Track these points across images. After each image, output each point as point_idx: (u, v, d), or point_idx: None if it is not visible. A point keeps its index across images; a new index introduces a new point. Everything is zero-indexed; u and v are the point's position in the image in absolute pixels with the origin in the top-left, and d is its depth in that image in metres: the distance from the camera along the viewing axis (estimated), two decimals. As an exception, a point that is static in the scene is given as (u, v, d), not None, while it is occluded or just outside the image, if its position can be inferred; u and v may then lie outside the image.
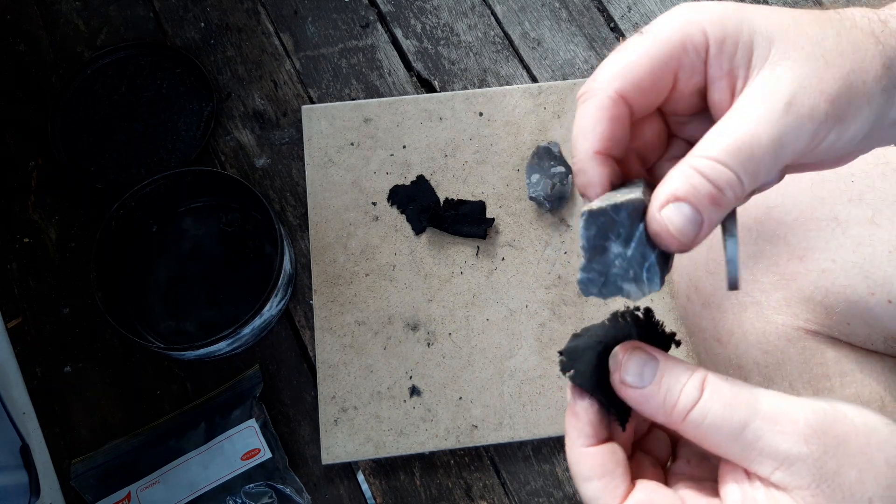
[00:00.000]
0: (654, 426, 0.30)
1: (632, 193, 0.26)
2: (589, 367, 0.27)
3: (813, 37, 0.25)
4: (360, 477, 0.67)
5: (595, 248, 0.26)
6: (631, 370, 0.26)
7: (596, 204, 0.26)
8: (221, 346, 0.66)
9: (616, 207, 0.25)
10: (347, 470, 0.68)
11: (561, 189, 0.72)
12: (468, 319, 0.70)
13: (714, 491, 0.25)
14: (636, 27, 0.83)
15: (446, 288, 0.71)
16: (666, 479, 0.28)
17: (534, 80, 0.81)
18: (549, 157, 0.74)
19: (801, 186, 0.49)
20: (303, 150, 0.76)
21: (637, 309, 0.28)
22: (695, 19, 0.26)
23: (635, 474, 0.26)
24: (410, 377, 0.68)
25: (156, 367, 0.71)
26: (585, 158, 0.27)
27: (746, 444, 0.23)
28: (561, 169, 0.73)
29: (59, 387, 0.70)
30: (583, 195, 0.28)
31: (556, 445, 0.68)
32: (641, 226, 0.25)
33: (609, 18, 0.84)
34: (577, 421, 0.27)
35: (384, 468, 0.67)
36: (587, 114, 0.27)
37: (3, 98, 0.80)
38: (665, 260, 0.26)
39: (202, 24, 0.83)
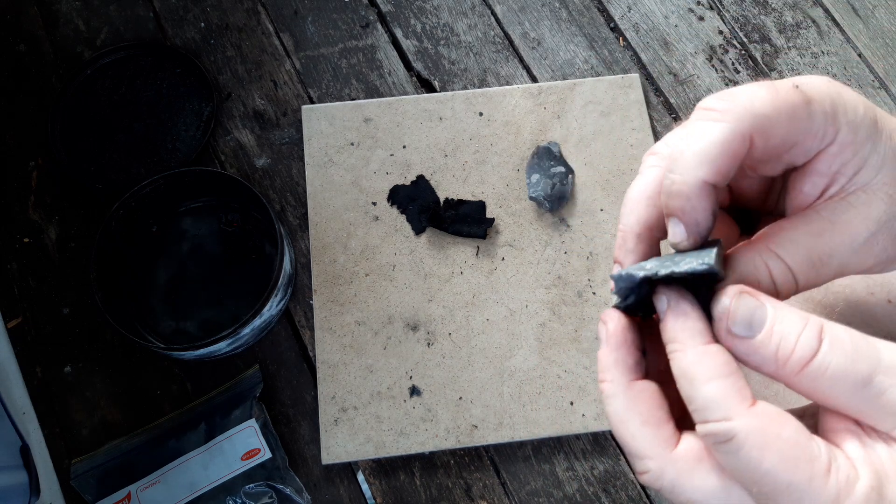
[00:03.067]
0: None
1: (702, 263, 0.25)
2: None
3: None
4: (360, 477, 0.67)
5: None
6: (740, 319, 0.23)
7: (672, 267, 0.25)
8: (221, 346, 0.66)
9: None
10: (347, 470, 0.68)
11: (561, 189, 0.72)
12: (468, 319, 0.70)
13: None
14: (636, 27, 0.83)
15: (446, 288, 0.71)
16: None
17: (534, 80, 0.81)
18: (549, 157, 0.74)
19: None
20: (303, 150, 0.76)
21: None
22: (839, 111, 0.25)
23: None
24: (410, 377, 0.68)
25: (156, 367, 0.71)
26: (695, 185, 0.24)
27: (869, 399, 0.22)
28: (561, 169, 0.73)
29: (59, 387, 0.70)
30: (671, 216, 0.25)
31: (555, 445, 0.68)
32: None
33: (609, 18, 0.84)
34: (686, 320, 0.24)
35: (384, 468, 0.67)
36: (713, 139, 0.24)
37: (3, 98, 0.80)
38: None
39: (202, 24, 0.83)
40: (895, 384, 0.22)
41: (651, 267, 0.25)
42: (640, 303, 0.26)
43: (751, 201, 0.31)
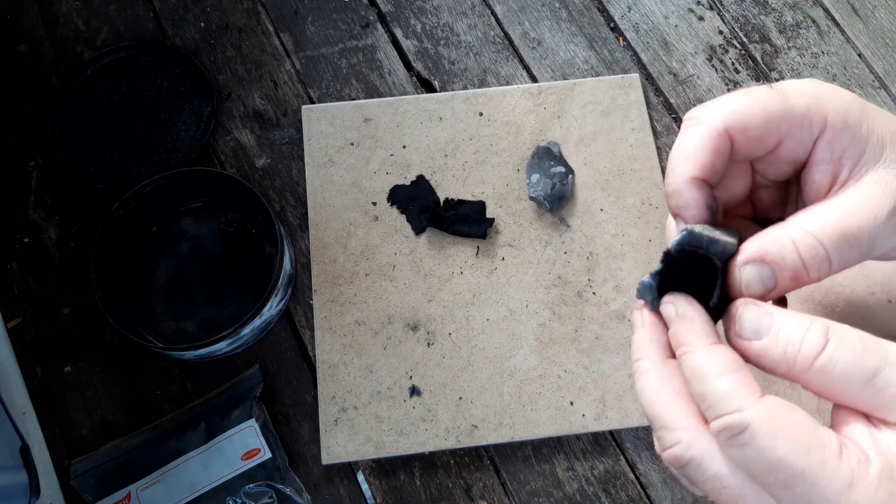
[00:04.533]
0: None
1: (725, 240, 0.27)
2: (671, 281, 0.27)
3: None
4: (360, 477, 0.67)
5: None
6: (747, 325, 0.25)
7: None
8: (221, 346, 0.66)
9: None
10: (347, 470, 0.68)
11: (561, 189, 0.72)
12: (468, 319, 0.70)
13: None
14: (636, 27, 0.83)
15: (446, 288, 0.71)
16: None
17: (534, 80, 0.81)
18: (549, 157, 0.74)
19: None
20: (303, 150, 0.76)
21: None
22: (823, 99, 0.27)
23: None
24: (410, 377, 0.68)
25: (156, 367, 0.71)
26: (682, 182, 0.27)
27: (877, 392, 0.23)
28: (561, 169, 0.73)
29: (59, 387, 0.70)
30: (675, 216, 0.28)
31: (555, 445, 0.68)
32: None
33: (609, 18, 0.84)
34: (692, 324, 0.26)
35: (384, 468, 0.67)
36: (692, 139, 0.27)
37: (3, 98, 0.80)
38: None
39: (202, 24, 0.83)
40: None
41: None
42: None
43: (772, 211, 0.32)
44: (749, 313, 0.25)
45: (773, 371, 0.25)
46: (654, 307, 0.28)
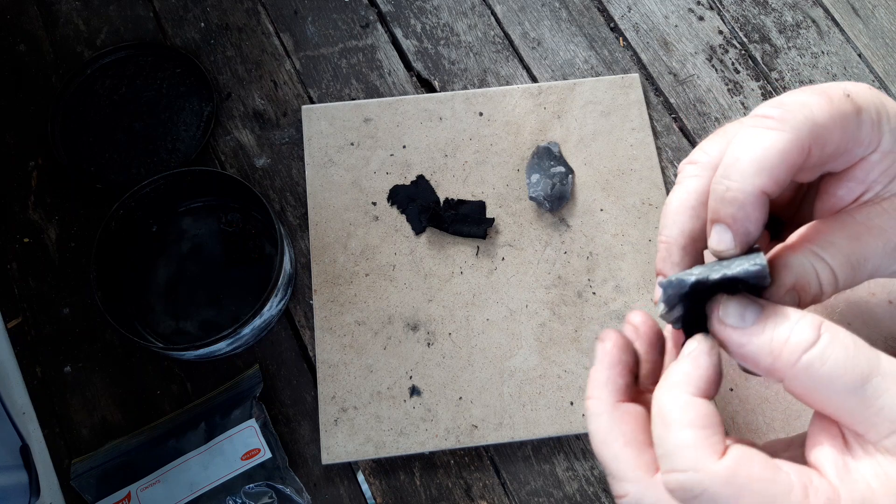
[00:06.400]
0: None
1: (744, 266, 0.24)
2: (683, 312, 0.26)
3: None
4: (360, 477, 0.67)
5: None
6: (731, 311, 0.23)
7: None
8: (221, 346, 0.66)
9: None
10: (347, 470, 0.68)
11: (561, 189, 0.72)
12: (468, 319, 0.70)
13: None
14: (636, 27, 0.83)
15: (446, 288, 0.71)
16: None
17: (534, 80, 0.81)
18: (549, 157, 0.74)
19: None
20: (303, 150, 0.76)
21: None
22: (883, 118, 0.25)
23: None
24: (410, 377, 0.68)
25: (156, 367, 0.71)
26: (752, 194, 0.24)
27: (864, 401, 0.21)
28: (561, 169, 0.73)
29: (59, 387, 0.70)
30: (717, 220, 0.25)
31: (555, 445, 0.68)
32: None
33: (609, 18, 0.84)
34: (695, 369, 0.24)
35: (384, 468, 0.67)
36: (774, 146, 0.23)
37: (3, 98, 0.80)
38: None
39: (202, 24, 0.83)
40: (891, 390, 0.21)
41: (700, 272, 0.25)
42: (686, 314, 0.26)
43: (777, 207, 0.31)
44: (736, 300, 0.24)
45: (754, 365, 0.23)
46: (677, 326, 0.26)
